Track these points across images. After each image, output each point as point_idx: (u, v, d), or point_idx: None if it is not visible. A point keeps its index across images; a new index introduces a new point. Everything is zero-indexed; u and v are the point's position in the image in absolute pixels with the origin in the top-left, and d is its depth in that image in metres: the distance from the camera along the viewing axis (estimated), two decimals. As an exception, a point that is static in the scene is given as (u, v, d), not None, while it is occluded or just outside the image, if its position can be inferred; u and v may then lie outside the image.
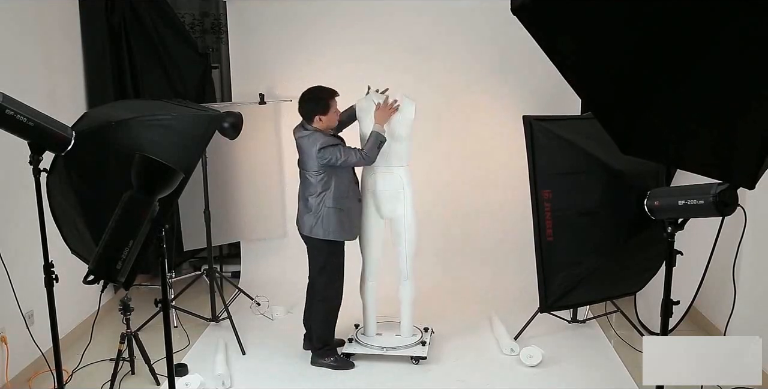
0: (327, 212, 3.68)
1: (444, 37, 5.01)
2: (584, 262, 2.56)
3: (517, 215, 4.86)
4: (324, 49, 5.06)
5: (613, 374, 3.83)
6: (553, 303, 2.66)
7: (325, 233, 3.70)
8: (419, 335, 4.13)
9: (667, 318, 2.42)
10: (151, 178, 2.20)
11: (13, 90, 2.68)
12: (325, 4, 5.02)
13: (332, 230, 3.70)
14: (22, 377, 3.65)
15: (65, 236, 2.87)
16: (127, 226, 2.18)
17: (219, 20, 5.59)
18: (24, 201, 3.22)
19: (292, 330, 4.34)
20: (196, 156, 2.78)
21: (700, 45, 1.37)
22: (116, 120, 2.70)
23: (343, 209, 3.70)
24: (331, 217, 3.68)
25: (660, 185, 2.49)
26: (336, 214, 3.68)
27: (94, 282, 2.19)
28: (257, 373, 3.87)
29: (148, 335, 4.05)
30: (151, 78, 4.94)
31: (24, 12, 3.80)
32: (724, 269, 3.29)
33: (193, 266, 5.64)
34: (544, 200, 2.57)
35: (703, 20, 1.32)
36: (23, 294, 3.25)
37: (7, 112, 2.50)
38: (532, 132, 2.65)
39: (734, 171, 1.61)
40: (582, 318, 4.48)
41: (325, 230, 3.70)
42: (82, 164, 2.70)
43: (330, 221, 3.69)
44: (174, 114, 2.85)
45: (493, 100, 5.08)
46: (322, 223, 3.69)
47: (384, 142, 3.68)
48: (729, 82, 1.42)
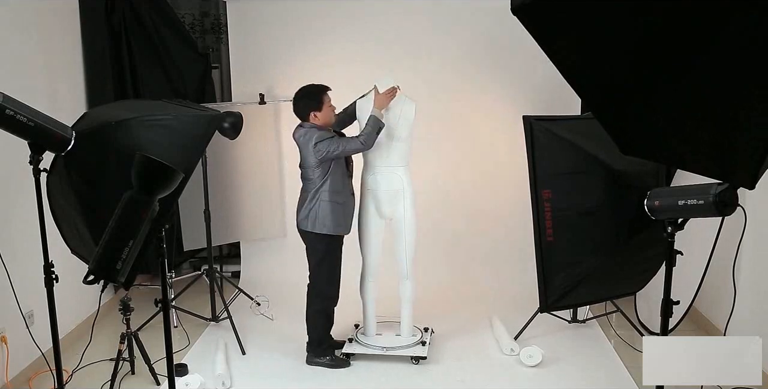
0: (323, 207, 3.70)
1: (444, 37, 5.01)
2: (584, 262, 2.56)
3: (517, 215, 4.86)
4: (324, 49, 5.06)
5: (613, 374, 3.83)
6: (553, 303, 2.67)
7: (320, 227, 3.72)
8: (419, 335, 4.13)
9: (667, 318, 2.42)
10: (151, 178, 2.20)
11: (13, 90, 2.68)
12: (325, 4, 5.02)
13: (328, 224, 3.72)
14: (22, 377, 3.65)
15: (65, 236, 2.87)
16: (127, 226, 2.18)
17: (219, 20, 5.60)
18: (24, 201, 3.22)
19: (292, 330, 4.34)
20: (196, 156, 2.77)
21: (700, 44, 1.37)
22: (116, 120, 2.70)
23: (339, 202, 3.72)
24: (327, 211, 3.70)
25: (660, 185, 2.49)
26: (331, 208, 3.70)
27: (94, 282, 2.19)
28: (257, 373, 3.87)
29: (148, 335, 4.05)
30: (151, 78, 4.94)
31: (24, 12, 3.80)
32: (724, 269, 3.29)
33: (193, 266, 5.64)
34: (544, 200, 2.57)
35: (703, 20, 1.32)
36: (23, 294, 3.25)
37: (7, 112, 2.50)
38: (532, 132, 2.65)
39: (734, 171, 1.61)
40: (582, 318, 4.48)
41: (321, 224, 3.72)
42: (82, 164, 2.70)
43: (326, 215, 3.70)
44: (174, 114, 2.84)
45: (493, 100, 5.08)
46: (318, 217, 3.71)
47: (383, 127, 3.67)
48: (729, 82, 1.42)
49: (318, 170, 3.66)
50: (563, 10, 1.45)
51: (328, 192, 3.69)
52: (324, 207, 3.70)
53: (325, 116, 3.68)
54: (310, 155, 3.64)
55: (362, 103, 3.84)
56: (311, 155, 3.63)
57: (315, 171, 3.67)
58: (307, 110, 3.68)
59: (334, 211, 3.71)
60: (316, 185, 3.69)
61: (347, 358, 3.96)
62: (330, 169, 3.67)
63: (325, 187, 3.68)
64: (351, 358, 3.97)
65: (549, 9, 1.45)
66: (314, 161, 3.64)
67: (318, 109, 3.66)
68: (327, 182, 3.68)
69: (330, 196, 3.69)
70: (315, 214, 3.71)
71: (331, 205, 3.70)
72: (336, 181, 3.70)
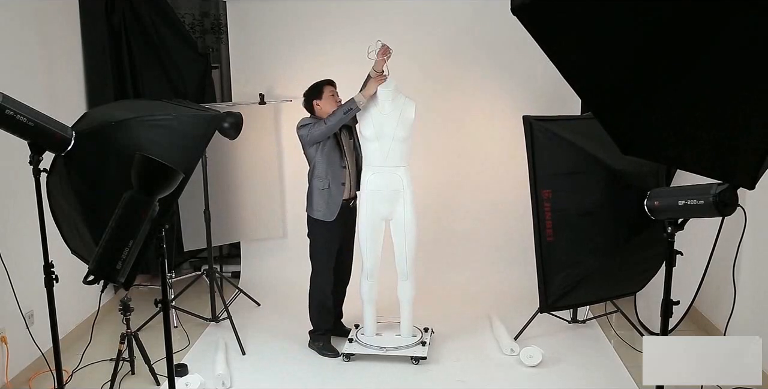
0: (309, 190, 3.94)
1: (444, 38, 5.01)
2: (584, 262, 2.55)
3: (517, 215, 4.86)
4: (324, 49, 5.06)
5: (613, 374, 3.83)
6: (553, 303, 2.66)
7: (310, 210, 3.93)
8: (419, 335, 4.13)
9: (667, 318, 2.42)
10: (151, 178, 2.20)
11: (13, 90, 2.67)
12: (325, 5, 5.02)
13: (315, 208, 3.90)
14: (22, 377, 3.65)
15: (65, 236, 2.86)
16: (127, 226, 2.18)
17: (219, 20, 5.60)
18: (24, 201, 3.22)
19: (292, 330, 4.34)
20: (196, 156, 2.77)
21: (701, 45, 1.37)
22: (116, 120, 2.69)
23: (320, 189, 3.86)
24: (316, 196, 3.89)
25: (660, 185, 2.49)
26: (319, 194, 3.87)
27: (94, 282, 2.19)
28: (257, 373, 3.87)
29: (148, 335, 4.05)
30: (151, 78, 4.94)
31: (24, 12, 3.80)
32: (724, 269, 3.29)
33: (193, 266, 5.64)
34: (544, 200, 2.56)
35: (704, 20, 1.32)
36: (23, 294, 3.25)
37: (7, 112, 2.50)
38: (532, 132, 2.64)
39: (734, 171, 1.61)
40: (582, 318, 4.48)
41: (311, 208, 3.92)
42: (82, 164, 2.69)
43: (316, 200, 3.89)
44: (174, 114, 2.84)
45: (493, 100, 5.08)
46: (311, 202, 3.91)
47: (354, 110, 3.71)
48: (729, 82, 1.42)
49: (308, 155, 3.88)
50: (563, 10, 1.45)
51: (314, 178, 3.89)
52: (310, 191, 3.92)
53: (325, 104, 3.84)
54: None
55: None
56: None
57: (308, 156, 3.88)
58: (310, 99, 3.89)
59: (317, 195, 3.88)
60: (311, 171, 3.90)
61: (347, 358, 3.96)
62: (316, 155, 3.84)
63: (313, 172, 3.89)
64: (351, 358, 3.98)
65: (549, 9, 1.45)
66: (303, 148, 3.86)
67: (318, 97, 3.85)
68: (314, 167, 3.88)
69: (315, 181, 3.89)
70: (311, 199, 3.91)
71: (315, 190, 3.88)
72: (320, 167, 3.86)
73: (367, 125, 3.79)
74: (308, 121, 3.85)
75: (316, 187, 3.87)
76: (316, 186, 3.87)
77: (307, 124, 3.81)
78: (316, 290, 4.03)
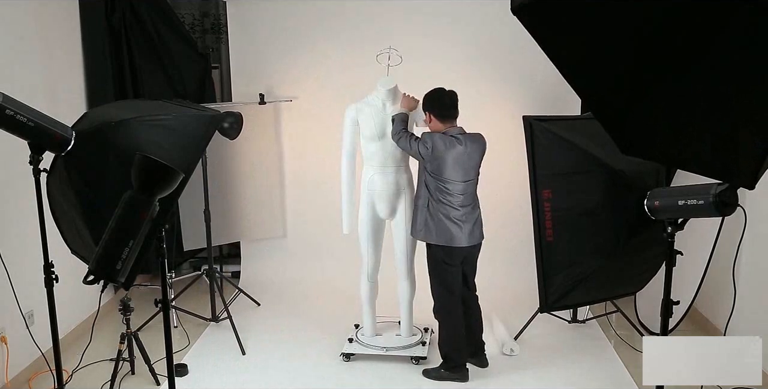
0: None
1: (444, 38, 5.01)
2: (584, 262, 2.55)
3: (516, 215, 4.86)
4: (324, 50, 5.05)
5: (613, 374, 3.83)
6: (553, 303, 2.66)
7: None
8: (419, 335, 4.13)
9: (667, 318, 2.42)
10: (151, 178, 2.20)
11: (13, 90, 2.68)
12: (325, 5, 5.02)
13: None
14: (22, 377, 3.65)
15: (65, 236, 2.86)
16: (127, 226, 2.18)
17: (219, 20, 5.59)
18: (24, 201, 3.22)
19: (292, 330, 4.34)
20: (196, 156, 2.77)
21: (700, 45, 1.37)
22: (116, 120, 2.70)
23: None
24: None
25: (660, 185, 2.49)
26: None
27: (94, 282, 2.19)
28: (257, 373, 3.87)
29: (148, 335, 4.05)
30: (151, 78, 4.94)
31: (24, 12, 3.80)
32: (724, 269, 3.29)
33: (193, 266, 5.64)
34: (544, 200, 2.57)
35: (703, 20, 1.32)
36: (23, 294, 3.25)
37: (7, 112, 2.50)
38: (532, 132, 2.65)
39: (734, 171, 1.61)
40: (582, 318, 4.48)
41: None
42: (82, 164, 2.70)
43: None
44: (174, 114, 2.84)
45: (493, 100, 5.07)
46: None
47: (405, 120, 3.76)
48: (729, 82, 1.42)
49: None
50: (563, 11, 1.45)
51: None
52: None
53: (433, 126, 3.77)
54: None
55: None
56: None
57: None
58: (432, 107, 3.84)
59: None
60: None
61: (347, 358, 3.96)
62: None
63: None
64: (351, 358, 3.98)
65: (549, 9, 1.45)
66: None
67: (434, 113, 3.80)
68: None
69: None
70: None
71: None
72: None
73: (369, 125, 3.79)
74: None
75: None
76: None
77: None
78: (440, 313, 3.81)
